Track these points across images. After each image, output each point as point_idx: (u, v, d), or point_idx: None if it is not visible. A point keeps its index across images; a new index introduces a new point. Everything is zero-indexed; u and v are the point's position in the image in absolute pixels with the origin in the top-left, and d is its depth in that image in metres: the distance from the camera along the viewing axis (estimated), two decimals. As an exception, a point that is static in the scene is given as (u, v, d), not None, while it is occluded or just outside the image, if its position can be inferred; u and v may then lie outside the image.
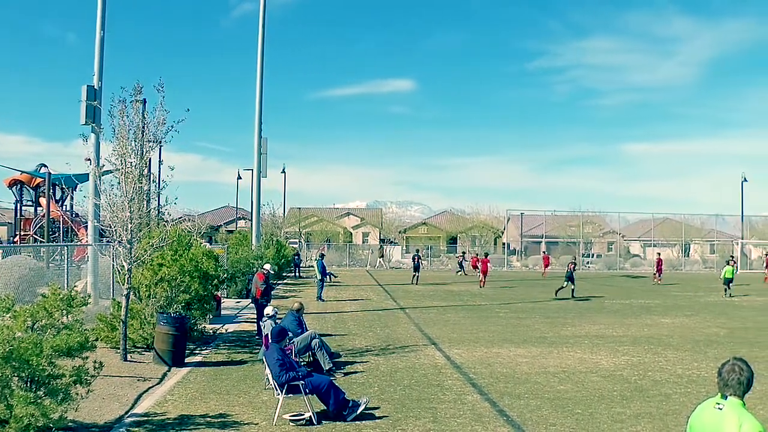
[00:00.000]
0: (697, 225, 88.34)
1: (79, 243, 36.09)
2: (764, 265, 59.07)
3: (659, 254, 54.99)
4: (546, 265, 62.84)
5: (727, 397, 4.97)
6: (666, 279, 51.12)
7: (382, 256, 70.87)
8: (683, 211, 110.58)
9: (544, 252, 71.25)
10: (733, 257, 45.91)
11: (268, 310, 16.14)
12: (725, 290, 37.43)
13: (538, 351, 18.31)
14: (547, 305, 31.67)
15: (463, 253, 68.61)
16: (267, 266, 23.49)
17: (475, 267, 55.48)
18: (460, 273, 59.28)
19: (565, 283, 35.91)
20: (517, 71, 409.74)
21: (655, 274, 49.86)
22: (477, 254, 62.58)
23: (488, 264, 47.43)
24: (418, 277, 46.49)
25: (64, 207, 48.16)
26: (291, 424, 10.87)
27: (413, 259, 49.98)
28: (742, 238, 75.29)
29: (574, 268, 36.81)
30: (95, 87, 21.20)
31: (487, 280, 43.81)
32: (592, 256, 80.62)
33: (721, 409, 4.94)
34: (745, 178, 71.44)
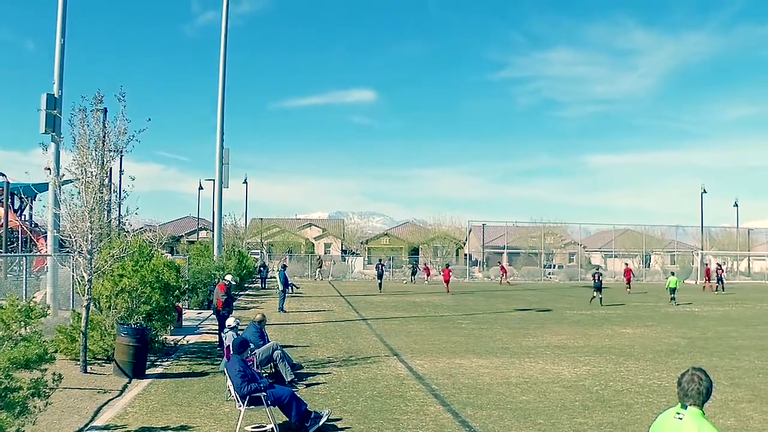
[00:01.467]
0: (657, 236, 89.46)
1: (38, 253, 35.65)
2: (705, 275, 60.05)
3: (627, 264, 55.63)
4: (503, 275, 63.74)
5: (687, 406, 5.03)
6: (625, 289, 51.67)
7: (320, 267, 69.84)
8: (644, 222, 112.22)
9: (499, 262, 71.80)
10: (696, 268, 47.34)
11: (230, 321, 16.06)
12: (671, 299, 39.69)
13: (500, 361, 18.38)
14: (509, 316, 31.82)
15: (415, 263, 69.22)
16: (228, 277, 23.40)
17: (428, 273, 62.84)
18: (406, 282, 60.92)
19: (595, 292, 38.60)
20: (479, 82, 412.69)
21: (627, 285, 51.44)
22: (426, 264, 64.72)
23: (449, 273, 52.16)
24: (381, 284, 50.89)
25: (22, 217, 47.62)
26: (253, 435, 10.82)
27: (377, 267, 54.64)
28: (702, 249, 76.25)
29: (600, 278, 39.27)
30: (55, 95, 21.01)
31: (450, 290, 44.20)
32: (554, 267, 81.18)
33: (681, 418, 5.00)
34: (704, 190, 72.49)
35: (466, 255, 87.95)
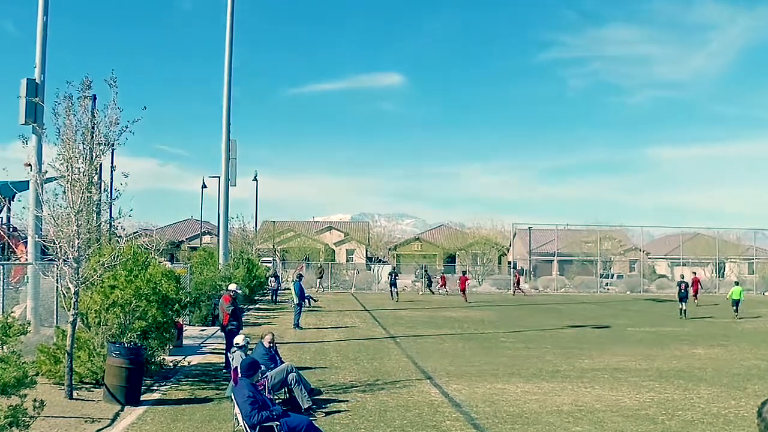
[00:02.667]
0: (732, 241, 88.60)
1: (17, 261, 35.89)
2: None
3: (695, 273, 55.25)
4: (517, 284, 64.21)
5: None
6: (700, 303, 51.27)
7: (321, 277, 69.29)
8: (717, 225, 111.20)
9: (514, 270, 71.63)
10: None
11: (239, 338, 16.06)
12: (734, 312, 40.25)
13: (549, 386, 18.27)
14: (560, 333, 31.66)
15: (426, 269, 69.28)
16: (232, 286, 23.20)
17: (444, 283, 63.48)
18: (422, 294, 61.17)
19: (681, 304, 39.82)
20: (524, 63, 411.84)
21: (693, 295, 50.89)
22: (442, 273, 65.47)
23: (466, 281, 55.48)
24: (396, 293, 54.10)
25: None
26: (264, 472, 10.81)
27: (389, 275, 57.13)
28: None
29: (686, 287, 40.47)
30: (37, 81, 21.13)
31: (492, 305, 44.13)
32: (612, 277, 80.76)
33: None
34: (789, 187, 71.71)
35: (509, 263, 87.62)
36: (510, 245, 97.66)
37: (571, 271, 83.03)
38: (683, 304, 39.72)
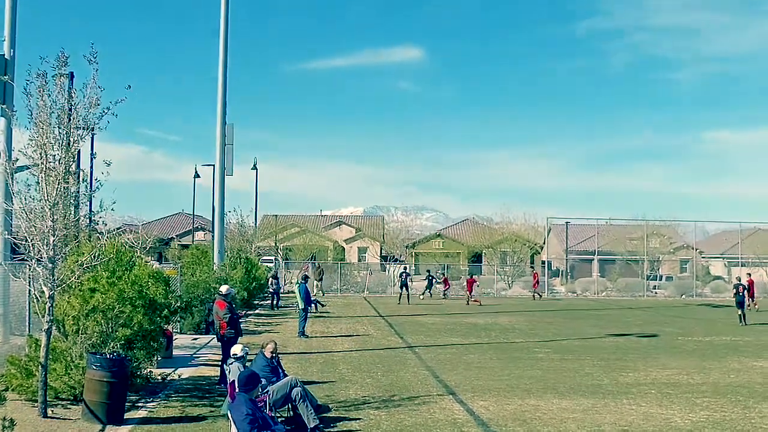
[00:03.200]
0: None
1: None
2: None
3: (749, 275, 55.13)
4: (535, 285, 64.43)
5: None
6: (761, 308, 51.08)
7: (321, 279, 66.27)
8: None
9: (531, 267, 71.62)
10: None
11: (236, 348, 16.03)
12: None
13: (589, 403, 18.21)
14: (601, 343, 31.58)
15: (428, 271, 69.05)
16: (224, 287, 22.81)
17: (447, 286, 65.13)
18: (423, 297, 61.27)
19: (740, 310, 40.19)
20: (559, 35, 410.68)
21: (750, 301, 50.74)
22: (444, 274, 65.90)
23: (473, 283, 56.92)
24: (408, 296, 54.88)
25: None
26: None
27: (400, 275, 57.72)
28: None
29: (744, 290, 40.76)
30: (6, 56, 21.13)
31: (523, 311, 44.15)
32: (660, 279, 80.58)
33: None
34: None
35: (543, 262, 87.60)
36: (544, 242, 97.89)
37: (614, 272, 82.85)
38: (742, 309, 39.57)
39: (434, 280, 65.05)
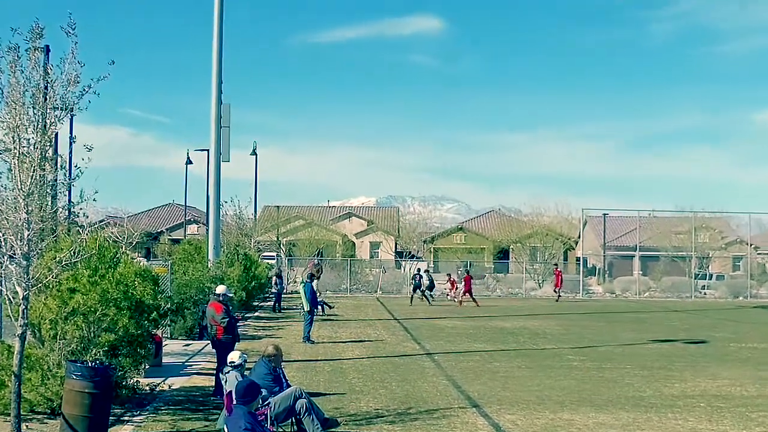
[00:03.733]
0: None
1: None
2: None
3: None
4: (558, 284, 64.17)
5: None
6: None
7: (319, 278, 64.39)
8: None
9: (555, 265, 71.50)
10: None
11: (234, 355, 16.07)
12: None
13: (630, 417, 18.21)
14: (643, 350, 31.58)
15: (419, 269, 68.42)
16: (221, 288, 22.78)
17: (453, 287, 62.41)
18: (417, 297, 60.86)
19: None
20: (592, 3, 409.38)
21: None
22: (449, 274, 65.87)
23: (470, 281, 57.89)
24: (422, 296, 56.80)
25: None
26: None
27: (414, 277, 58.97)
28: None
29: None
30: (-26, 28, 21.17)
31: (555, 314, 44.18)
32: (710, 278, 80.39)
33: None
34: None
35: (578, 259, 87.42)
36: (579, 237, 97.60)
37: (657, 270, 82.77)
38: None
39: (419, 280, 63.89)
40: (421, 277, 56.43)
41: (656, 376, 24.50)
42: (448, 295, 62.66)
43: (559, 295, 64.66)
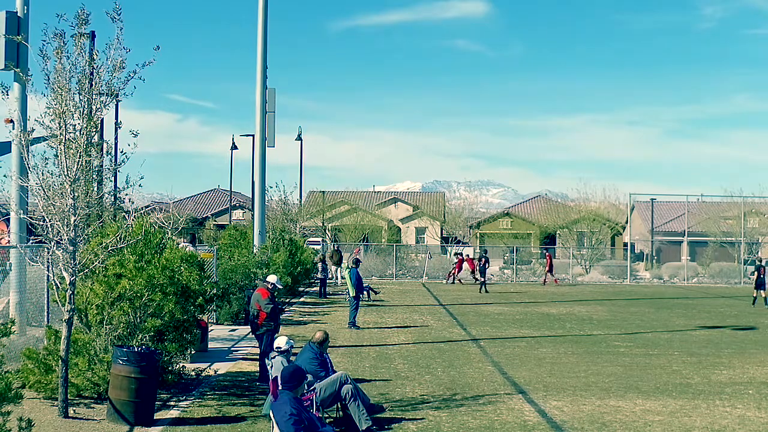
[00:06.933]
0: None
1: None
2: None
3: None
4: (549, 269, 63.46)
5: None
6: None
7: (339, 265, 60.18)
8: None
9: (546, 251, 70.89)
10: None
11: (280, 341, 16.06)
12: None
13: (677, 404, 18.10)
14: (691, 336, 31.36)
15: (485, 251, 68.45)
16: (272, 278, 23.07)
17: (460, 270, 64.27)
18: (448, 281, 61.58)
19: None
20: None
21: None
22: (459, 255, 65.50)
23: (473, 263, 60.02)
24: (484, 282, 55.32)
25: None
26: None
27: (479, 260, 57.51)
28: None
29: None
30: (19, 14, 21.26)
31: (602, 300, 44.02)
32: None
33: None
34: None
35: (625, 244, 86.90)
36: (627, 222, 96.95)
37: (706, 255, 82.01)
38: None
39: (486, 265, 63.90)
40: (486, 260, 56.07)
41: (704, 363, 24.34)
42: (473, 275, 62.78)
43: (555, 279, 63.75)
